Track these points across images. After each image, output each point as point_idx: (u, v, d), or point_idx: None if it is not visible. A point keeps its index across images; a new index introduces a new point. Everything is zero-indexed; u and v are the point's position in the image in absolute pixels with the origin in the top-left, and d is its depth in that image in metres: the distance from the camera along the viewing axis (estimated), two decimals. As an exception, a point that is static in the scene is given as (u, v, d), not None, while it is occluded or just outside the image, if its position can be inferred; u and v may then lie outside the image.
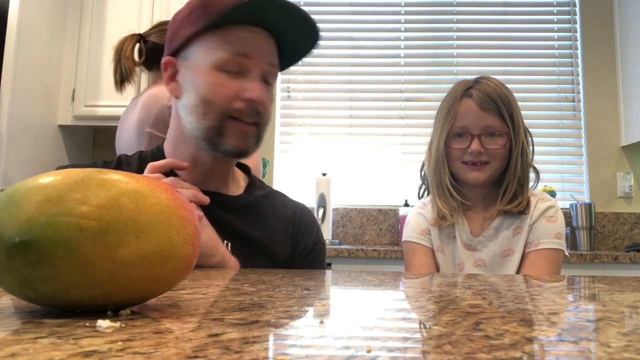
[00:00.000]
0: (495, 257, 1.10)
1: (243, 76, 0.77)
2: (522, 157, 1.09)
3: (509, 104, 1.07)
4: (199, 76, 0.77)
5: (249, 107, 0.76)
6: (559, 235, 1.08)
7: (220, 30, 0.77)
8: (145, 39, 1.41)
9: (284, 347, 0.24)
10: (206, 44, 0.77)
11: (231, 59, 0.76)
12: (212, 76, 0.76)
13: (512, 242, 1.09)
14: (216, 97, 0.76)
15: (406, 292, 0.49)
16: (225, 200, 0.83)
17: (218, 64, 0.76)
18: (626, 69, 2.72)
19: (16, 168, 2.30)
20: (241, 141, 0.78)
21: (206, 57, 0.77)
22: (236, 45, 0.76)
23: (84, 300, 0.30)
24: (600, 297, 0.44)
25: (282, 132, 2.91)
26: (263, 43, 0.78)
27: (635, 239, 2.65)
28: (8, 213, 0.29)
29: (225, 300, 0.38)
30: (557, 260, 1.08)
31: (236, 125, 0.77)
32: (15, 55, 2.26)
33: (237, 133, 0.77)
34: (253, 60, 0.77)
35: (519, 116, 1.09)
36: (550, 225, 1.08)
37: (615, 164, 2.73)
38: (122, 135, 1.43)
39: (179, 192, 0.35)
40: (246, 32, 0.77)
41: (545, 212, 1.09)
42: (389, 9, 2.96)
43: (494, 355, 0.22)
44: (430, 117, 2.84)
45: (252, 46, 0.77)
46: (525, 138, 1.10)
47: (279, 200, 0.92)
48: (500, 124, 1.07)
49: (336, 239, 2.72)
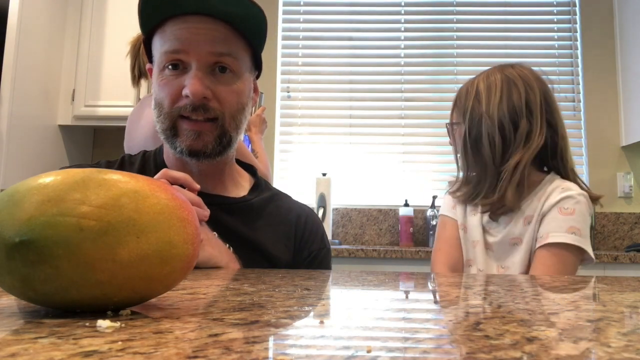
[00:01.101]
0: (502, 244, 1.08)
1: (186, 72, 0.74)
2: (478, 150, 1.09)
3: (462, 95, 1.15)
4: (153, 80, 0.79)
5: (189, 104, 0.73)
6: (573, 229, 0.98)
7: (158, 30, 0.77)
8: None
9: (284, 347, 0.24)
10: (154, 47, 0.78)
11: (166, 57, 0.74)
12: (158, 78, 0.77)
13: (522, 230, 1.06)
14: (162, 98, 0.76)
15: (406, 292, 0.49)
16: (226, 202, 0.82)
17: (159, 65, 0.76)
18: (626, 69, 2.72)
19: (16, 168, 2.30)
20: (193, 140, 0.74)
21: (155, 60, 0.78)
22: (168, 42, 0.74)
23: (84, 300, 0.30)
24: (600, 297, 0.44)
25: (282, 132, 2.91)
26: (200, 32, 0.73)
27: (635, 239, 2.65)
28: (8, 213, 0.29)
29: (225, 300, 0.38)
30: (570, 259, 0.99)
31: (185, 124, 0.75)
32: (15, 55, 2.26)
33: (187, 132, 0.75)
34: (188, 53, 0.73)
35: (472, 110, 1.10)
36: (562, 217, 1.00)
37: (615, 164, 2.73)
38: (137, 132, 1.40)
39: (179, 192, 0.35)
40: (176, 26, 0.74)
41: (560, 202, 1.01)
42: (389, 9, 2.96)
43: (494, 355, 0.22)
44: (430, 117, 2.88)
45: (185, 39, 0.73)
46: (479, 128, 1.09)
47: (284, 203, 0.90)
48: (452, 116, 1.18)
49: (336, 239, 2.72)
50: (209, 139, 0.75)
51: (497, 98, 1.08)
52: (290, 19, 2.99)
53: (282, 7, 2.99)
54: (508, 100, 1.07)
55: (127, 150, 1.42)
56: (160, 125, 0.77)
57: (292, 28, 2.98)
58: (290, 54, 2.97)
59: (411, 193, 2.79)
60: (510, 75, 1.10)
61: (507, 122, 1.06)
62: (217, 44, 0.74)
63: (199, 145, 0.75)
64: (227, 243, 0.77)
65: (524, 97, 1.07)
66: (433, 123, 2.89)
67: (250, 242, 0.80)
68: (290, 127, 2.91)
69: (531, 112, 1.07)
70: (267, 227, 0.84)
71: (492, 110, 1.07)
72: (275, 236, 0.84)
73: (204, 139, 0.75)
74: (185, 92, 0.73)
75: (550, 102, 1.10)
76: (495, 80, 1.10)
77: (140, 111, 1.45)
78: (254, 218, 0.83)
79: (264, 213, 0.85)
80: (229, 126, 0.77)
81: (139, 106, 1.47)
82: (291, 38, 2.98)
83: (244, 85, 0.79)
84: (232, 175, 0.86)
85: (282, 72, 2.95)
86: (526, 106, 1.07)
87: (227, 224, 0.79)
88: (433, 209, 2.64)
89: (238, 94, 0.78)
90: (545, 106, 1.08)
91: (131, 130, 1.44)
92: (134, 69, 1.36)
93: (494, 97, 1.08)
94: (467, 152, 1.11)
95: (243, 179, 0.90)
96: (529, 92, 1.08)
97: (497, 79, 1.10)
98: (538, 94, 1.08)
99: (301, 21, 2.98)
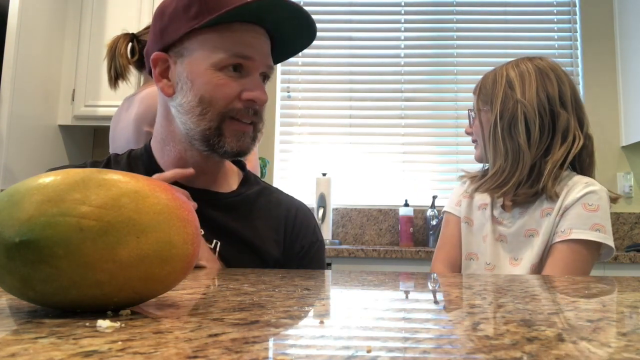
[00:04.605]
0: (517, 235, 1.07)
1: (243, 76, 0.76)
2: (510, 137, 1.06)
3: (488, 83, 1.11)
4: (197, 75, 0.74)
5: (251, 108, 0.76)
6: (597, 227, 0.97)
7: (221, 28, 0.74)
8: (139, 39, 1.41)
9: (284, 347, 0.24)
10: (206, 42, 0.74)
11: (233, 60, 0.74)
12: (211, 76, 0.74)
13: (539, 222, 1.04)
14: (217, 98, 0.74)
15: (406, 292, 0.49)
16: (214, 197, 0.81)
17: (219, 63, 0.74)
18: (626, 69, 2.72)
19: (16, 168, 2.30)
20: (240, 142, 0.77)
21: (205, 55, 0.74)
22: (238, 46, 0.74)
23: (84, 300, 0.30)
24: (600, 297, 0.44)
25: (282, 132, 2.90)
26: (263, 44, 0.78)
27: (635, 239, 2.65)
28: (8, 213, 0.29)
29: (225, 300, 0.38)
30: (589, 257, 0.98)
31: (235, 126, 0.76)
32: (15, 55, 2.26)
33: (235, 133, 0.76)
34: (254, 61, 0.76)
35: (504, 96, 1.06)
36: (587, 213, 0.98)
37: (615, 164, 2.73)
38: (117, 135, 1.42)
39: (178, 192, 0.35)
40: (248, 32, 0.76)
41: (584, 198, 0.99)
42: (389, 9, 2.96)
43: (494, 355, 0.22)
44: (430, 117, 2.88)
45: (253, 47, 0.76)
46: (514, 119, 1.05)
47: (274, 197, 0.89)
48: (475, 103, 1.14)
49: (336, 239, 2.72)
50: (249, 139, 0.78)
51: (533, 86, 1.05)
52: (290, 19, 2.98)
53: (282, 7, 2.99)
54: (544, 89, 1.05)
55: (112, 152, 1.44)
56: (204, 124, 0.75)
57: (292, 28, 2.98)
58: (290, 54, 2.96)
59: (411, 193, 2.79)
60: (540, 65, 1.08)
61: (545, 111, 1.04)
62: (269, 57, 0.80)
63: (243, 146, 0.78)
64: (215, 238, 0.77)
65: (557, 89, 1.06)
66: (433, 123, 2.89)
67: (239, 237, 0.80)
68: (290, 127, 2.91)
69: (564, 105, 1.06)
70: (256, 221, 0.83)
71: (528, 96, 1.05)
72: (265, 231, 0.83)
73: (247, 140, 0.78)
74: (250, 97, 0.75)
75: (578, 97, 1.09)
76: (527, 69, 1.07)
77: (118, 116, 1.46)
78: (243, 212, 0.83)
79: (253, 207, 0.85)
80: (261, 128, 0.81)
81: (117, 111, 1.48)
82: (291, 38, 2.97)
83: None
84: (222, 171, 0.86)
85: (282, 72, 2.95)
86: (559, 98, 1.06)
87: (215, 219, 0.79)
88: (433, 209, 2.64)
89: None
90: (575, 101, 1.08)
91: (113, 135, 1.45)
92: (110, 70, 1.38)
93: (528, 84, 1.06)
94: (497, 137, 1.07)
95: (232, 174, 0.89)
96: (561, 85, 1.07)
97: (528, 67, 1.08)
98: (568, 88, 1.07)
99: (301, 21, 2.98)
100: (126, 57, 1.38)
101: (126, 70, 1.38)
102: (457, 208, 1.18)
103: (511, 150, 1.06)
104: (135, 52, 1.40)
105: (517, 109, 1.05)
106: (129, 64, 1.39)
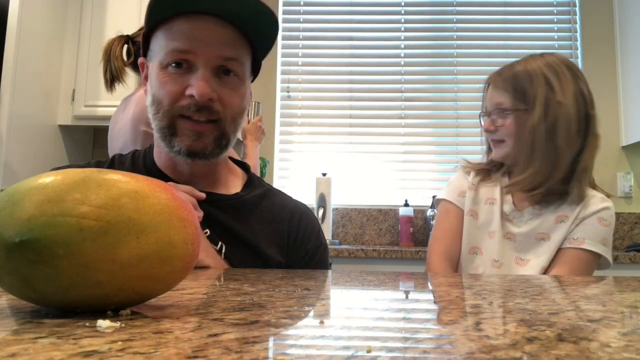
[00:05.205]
0: (527, 236, 1.06)
1: (189, 72, 0.74)
2: (551, 139, 1.02)
3: (523, 81, 1.05)
4: (152, 75, 0.76)
5: (193, 104, 0.72)
6: (605, 241, 1.03)
7: (165, 26, 0.75)
8: (134, 41, 1.41)
9: (284, 347, 0.24)
10: (156, 41, 0.76)
11: (172, 55, 0.73)
12: (157, 74, 0.75)
13: (553, 227, 1.05)
14: (162, 96, 0.74)
15: (406, 292, 0.49)
16: (218, 199, 0.81)
17: (162, 61, 0.74)
18: (626, 69, 2.72)
19: (16, 168, 2.30)
20: (193, 141, 0.74)
21: (156, 55, 0.76)
22: (177, 40, 0.73)
23: (84, 300, 0.30)
24: (600, 297, 0.44)
25: (282, 132, 2.90)
26: (210, 34, 0.73)
27: (635, 239, 2.65)
28: (8, 213, 0.29)
29: (225, 300, 0.38)
30: (593, 266, 1.03)
31: (187, 125, 0.74)
32: (15, 55, 2.26)
33: (187, 132, 0.74)
34: (197, 54, 0.72)
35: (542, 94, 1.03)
36: (601, 228, 1.03)
37: (615, 164, 2.73)
38: (115, 136, 1.42)
39: (178, 192, 0.35)
40: (188, 24, 0.73)
41: (600, 212, 1.04)
42: (389, 9, 2.96)
43: (494, 355, 0.22)
44: (430, 117, 2.88)
45: (195, 39, 0.72)
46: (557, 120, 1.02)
47: (278, 200, 0.88)
48: (509, 101, 1.06)
49: (336, 239, 2.72)
50: (208, 140, 0.75)
51: (570, 87, 1.04)
52: (290, 19, 2.99)
53: (282, 7, 2.99)
54: (580, 91, 1.05)
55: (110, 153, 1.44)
56: (157, 123, 0.76)
57: (292, 28, 2.98)
58: (290, 54, 2.97)
59: (411, 193, 2.79)
60: (569, 64, 1.07)
61: (581, 114, 1.04)
62: (225, 47, 0.74)
63: (198, 147, 0.75)
64: (220, 240, 0.77)
65: (587, 91, 1.06)
66: (433, 123, 2.89)
67: (242, 239, 0.79)
68: (290, 127, 2.91)
69: (593, 107, 1.06)
70: (259, 224, 0.83)
71: (567, 98, 1.03)
72: (268, 234, 0.82)
73: (204, 140, 0.75)
74: (190, 92, 0.72)
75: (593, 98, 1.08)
76: (560, 69, 1.05)
77: (116, 117, 1.46)
78: (247, 215, 0.82)
79: (256, 210, 0.84)
80: (228, 128, 0.77)
81: (115, 112, 1.48)
82: (291, 38, 2.98)
83: (246, 89, 0.79)
84: (223, 174, 0.85)
85: (282, 72, 2.95)
86: (591, 100, 1.06)
87: (219, 220, 0.78)
88: (433, 209, 2.64)
89: (240, 98, 0.78)
90: (592, 101, 1.07)
91: (111, 136, 1.46)
92: (106, 72, 1.38)
93: (565, 85, 1.04)
94: (537, 139, 1.03)
95: (236, 176, 0.89)
96: (588, 86, 1.06)
97: (561, 67, 1.06)
98: (588, 87, 1.07)
99: (301, 21, 2.98)
100: (122, 59, 1.38)
101: (122, 72, 1.38)
102: (460, 199, 1.14)
103: (550, 153, 1.04)
104: (131, 54, 1.40)
105: (559, 111, 1.03)
106: (125, 66, 1.39)
